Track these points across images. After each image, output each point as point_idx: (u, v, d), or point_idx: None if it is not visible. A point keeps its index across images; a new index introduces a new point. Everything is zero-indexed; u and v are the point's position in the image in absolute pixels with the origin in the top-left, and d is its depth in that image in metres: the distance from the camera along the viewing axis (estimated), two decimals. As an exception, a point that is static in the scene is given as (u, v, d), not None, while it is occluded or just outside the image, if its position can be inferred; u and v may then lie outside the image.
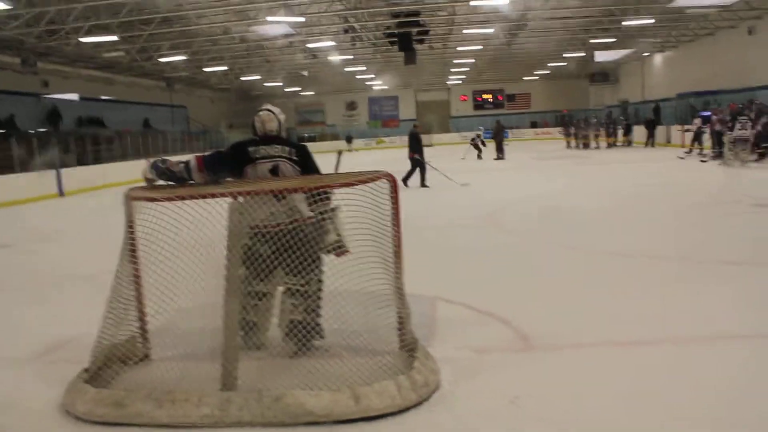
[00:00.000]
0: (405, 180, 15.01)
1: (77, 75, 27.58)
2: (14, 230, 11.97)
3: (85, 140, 23.98)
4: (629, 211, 10.19)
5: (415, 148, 15.32)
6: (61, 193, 20.10)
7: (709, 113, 19.06)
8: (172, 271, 3.76)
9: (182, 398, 3.29)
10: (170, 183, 4.15)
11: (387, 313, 4.00)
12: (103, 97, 30.23)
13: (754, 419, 3.09)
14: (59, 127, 25.99)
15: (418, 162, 15.29)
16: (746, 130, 16.41)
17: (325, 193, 3.96)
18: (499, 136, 25.84)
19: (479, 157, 25.86)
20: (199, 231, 3.71)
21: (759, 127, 16.99)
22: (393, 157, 23.98)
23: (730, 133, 16.73)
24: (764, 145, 17.30)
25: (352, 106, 51.97)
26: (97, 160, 23.92)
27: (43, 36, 20.52)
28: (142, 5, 19.75)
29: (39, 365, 4.34)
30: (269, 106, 4.39)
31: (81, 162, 22.81)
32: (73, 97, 28.34)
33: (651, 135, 28.81)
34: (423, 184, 15.14)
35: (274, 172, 4.15)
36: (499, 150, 25.54)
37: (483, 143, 26.96)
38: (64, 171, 20.58)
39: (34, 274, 7.81)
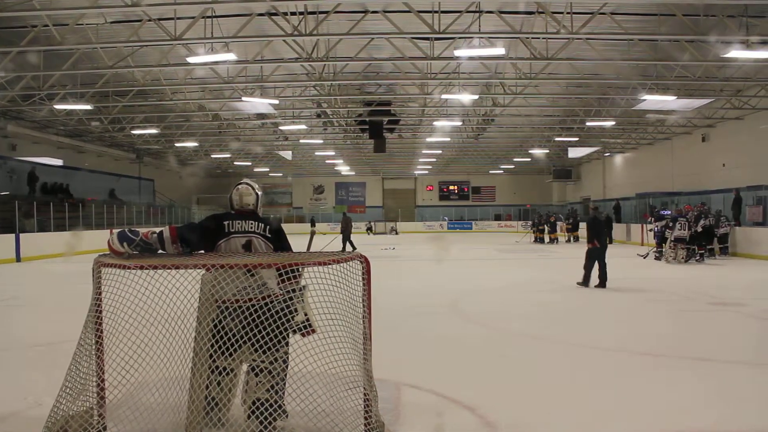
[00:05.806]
0: (586, 281, 11.91)
1: (47, 141, 27.45)
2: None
3: (50, 207, 23.60)
4: (593, 305, 10.32)
5: (597, 236, 12.02)
6: (18, 259, 19.68)
7: (668, 212, 19.89)
8: (138, 341, 3.69)
9: (139, 475, 3.16)
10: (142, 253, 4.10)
11: (353, 395, 3.95)
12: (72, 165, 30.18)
13: None
14: (35, 191, 25.74)
15: (598, 254, 11.95)
16: (684, 231, 17.56)
17: (297, 270, 3.95)
18: (346, 230, 24.14)
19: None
20: (167, 302, 3.68)
21: (699, 229, 18.30)
22: (359, 241, 24.26)
23: (671, 232, 17.93)
24: (704, 244, 18.51)
25: (319, 189, 52.45)
26: (60, 227, 23.51)
27: (17, 99, 20.53)
28: (120, 77, 19.96)
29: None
30: (248, 180, 4.44)
31: (42, 228, 22.40)
32: (55, 161, 28.38)
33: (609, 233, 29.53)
34: (602, 284, 11.85)
35: (247, 247, 4.16)
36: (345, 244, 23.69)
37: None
38: (23, 236, 20.22)
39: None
